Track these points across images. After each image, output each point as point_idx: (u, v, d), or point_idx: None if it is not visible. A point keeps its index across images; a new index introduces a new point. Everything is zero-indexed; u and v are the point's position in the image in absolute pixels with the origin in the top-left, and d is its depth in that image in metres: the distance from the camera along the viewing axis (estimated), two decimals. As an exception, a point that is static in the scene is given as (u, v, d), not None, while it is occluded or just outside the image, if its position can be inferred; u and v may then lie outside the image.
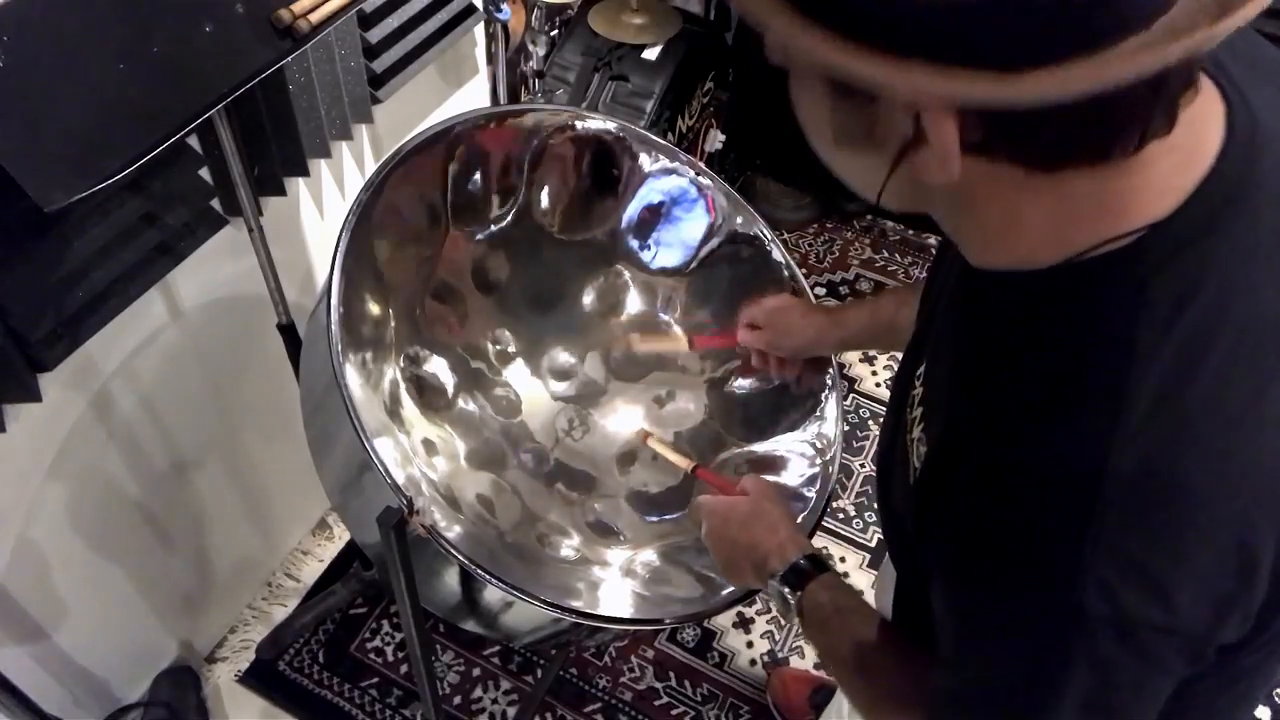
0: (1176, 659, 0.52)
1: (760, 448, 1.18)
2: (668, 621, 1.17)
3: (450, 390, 1.15)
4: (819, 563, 0.84)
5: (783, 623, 0.85)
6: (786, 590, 0.83)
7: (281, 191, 1.33)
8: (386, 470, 0.81)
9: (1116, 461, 0.49)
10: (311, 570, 1.85)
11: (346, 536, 1.88)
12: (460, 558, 0.83)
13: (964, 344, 0.62)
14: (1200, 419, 0.49)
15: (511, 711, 1.67)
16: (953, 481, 0.57)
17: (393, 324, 1.07)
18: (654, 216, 1.25)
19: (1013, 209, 0.52)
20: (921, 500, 0.62)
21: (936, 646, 0.62)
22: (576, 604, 0.90)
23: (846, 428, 2.15)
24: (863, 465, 2.09)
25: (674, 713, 1.68)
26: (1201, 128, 0.51)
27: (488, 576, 0.83)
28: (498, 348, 1.23)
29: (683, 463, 1.14)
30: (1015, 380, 0.54)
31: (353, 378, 0.88)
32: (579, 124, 1.17)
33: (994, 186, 0.51)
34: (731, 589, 0.98)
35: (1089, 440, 0.49)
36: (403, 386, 1.07)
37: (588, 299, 1.28)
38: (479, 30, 1.65)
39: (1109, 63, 0.41)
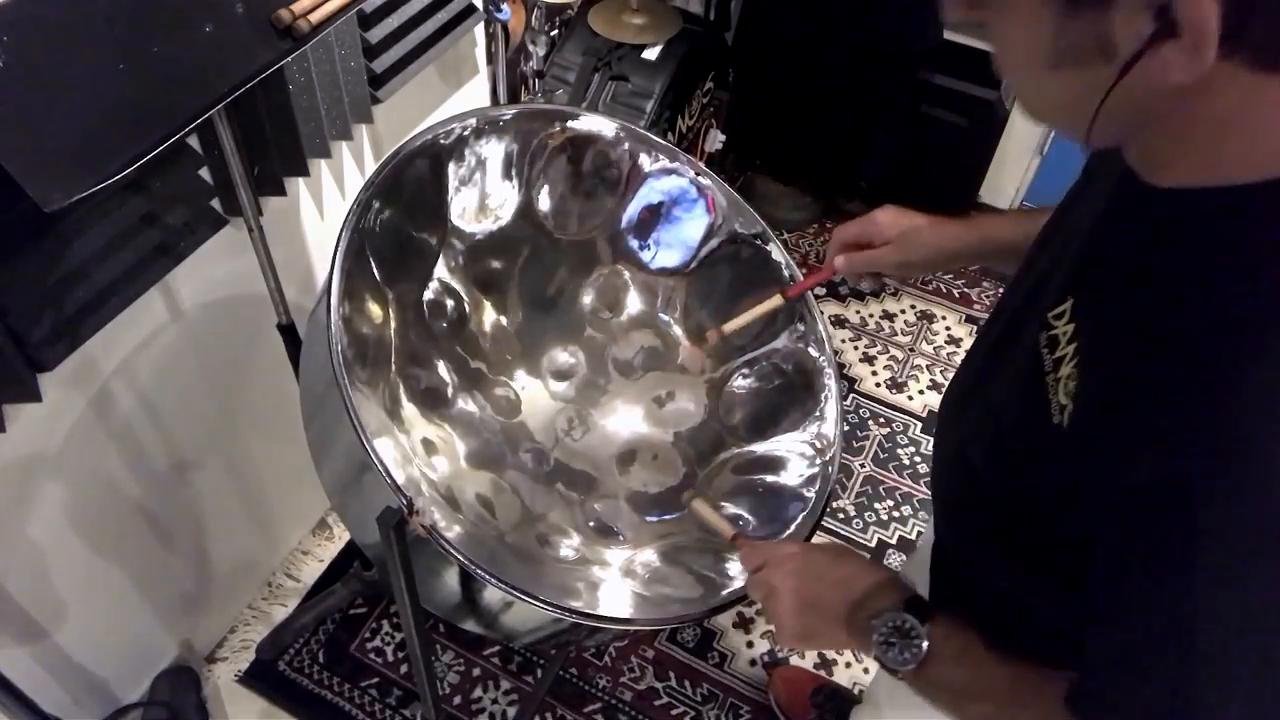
0: None
1: (760, 448, 1.18)
2: (668, 622, 1.17)
3: (450, 390, 1.15)
4: (927, 602, 0.75)
5: (889, 671, 0.74)
6: (911, 619, 0.72)
7: (281, 191, 1.33)
8: (386, 470, 0.81)
9: None
10: (311, 570, 1.85)
11: (346, 536, 1.88)
12: (460, 558, 0.83)
13: (1139, 272, 0.58)
14: None
15: (511, 711, 1.67)
16: (1136, 428, 0.54)
17: (393, 324, 1.07)
18: (654, 216, 1.25)
19: (1227, 117, 0.50)
20: (1081, 443, 0.59)
21: (1083, 599, 0.59)
22: (576, 604, 0.90)
23: (846, 428, 2.16)
24: (863, 465, 2.09)
25: (674, 713, 1.68)
26: None
27: (488, 576, 0.83)
28: (498, 348, 1.23)
29: (726, 530, 1.03)
30: (1215, 302, 0.52)
31: (352, 377, 0.88)
32: (579, 124, 1.17)
33: (1217, 91, 0.49)
34: (731, 589, 0.98)
35: None
36: (402, 386, 1.07)
37: (588, 299, 1.28)
38: (479, 30, 1.65)
39: None
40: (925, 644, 0.71)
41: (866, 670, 1.75)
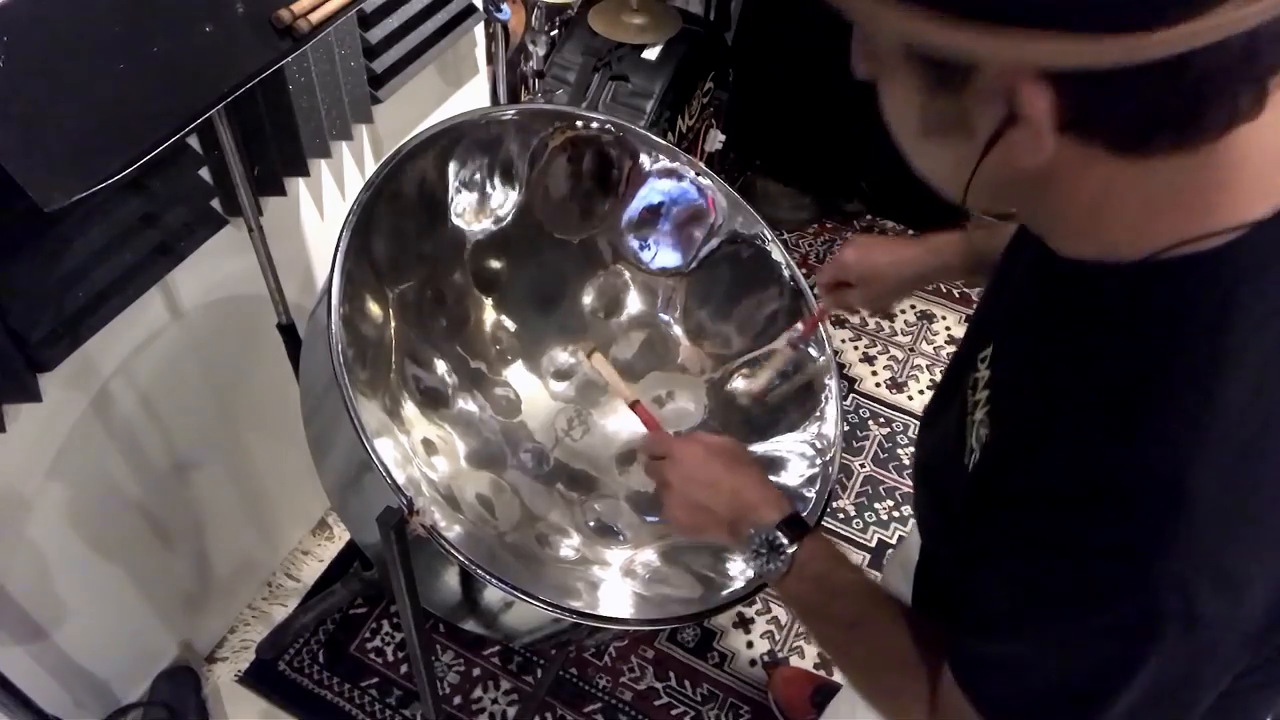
0: (1235, 651, 0.53)
1: (760, 448, 1.18)
2: (668, 622, 1.17)
3: (450, 390, 1.15)
4: (807, 524, 0.82)
5: (750, 574, 0.87)
6: (782, 538, 0.79)
7: (281, 191, 1.33)
8: (386, 470, 0.81)
9: (1201, 468, 0.49)
10: (311, 570, 1.85)
11: (346, 536, 1.88)
12: (460, 558, 0.83)
13: (1042, 333, 0.61)
14: None
15: (511, 711, 1.67)
16: (1022, 475, 0.56)
17: (393, 324, 1.07)
18: (654, 216, 1.25)
19: (1099, 198, 0.52)
20: (981, 486, 0.61)
21: (970, 609, 0.61)
22: (576, 604, 0.90)
23: (846, 428, 2.16)
24: (863, 465, 2.09)
25: (674, 713, 1.68)
26: None
27: (488, 576, 0.83)
28: (498, 348, 1.23)
29: (624, 392, 1.07)
30: (1096, 378, 0.54)
31: (352, 377, 0.88)
32: (579, 124, 1.17)
33: (1082, 174, 0.51)
34: (731, 589, 0.98)
35: (1174, 445, 0.50)
36: (402, 386, 1.07)
37: (588, 299, 1.28)
38: (479, 30, 1.65)
39: (1198, 29, 0.41)
40: (790, 559, 0.78)
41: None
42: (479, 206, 1.16)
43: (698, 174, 1.22)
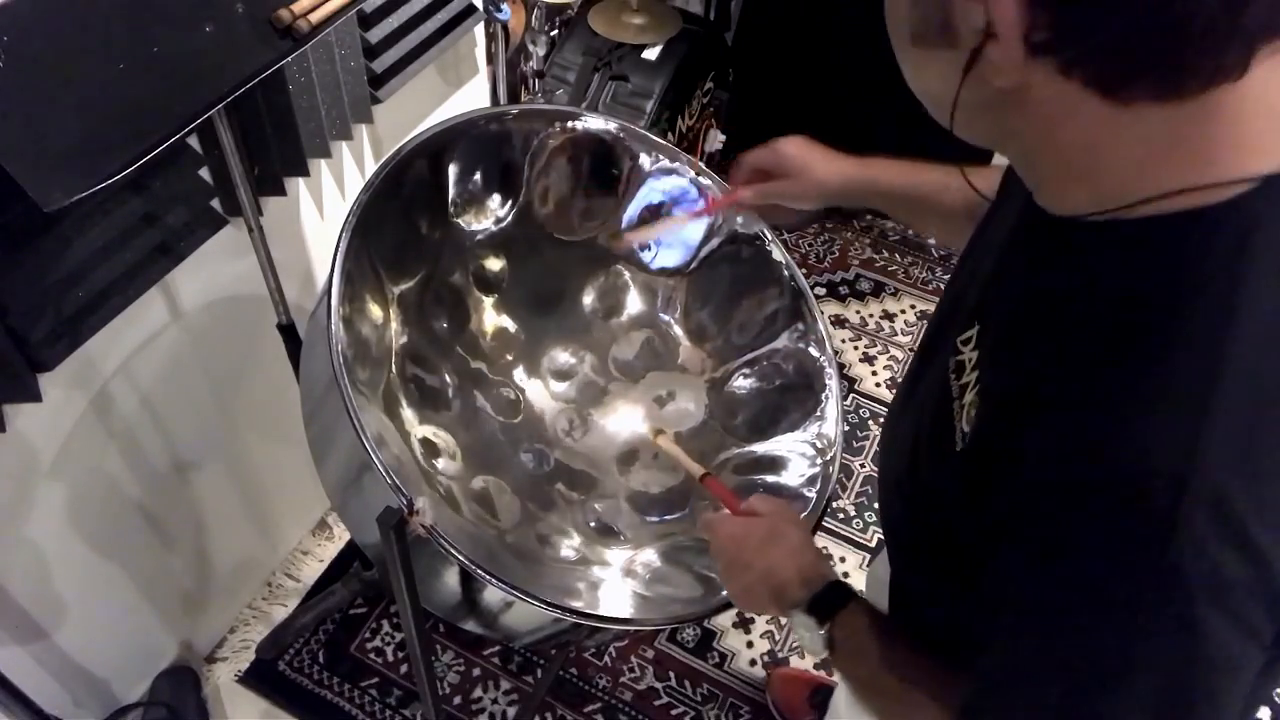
0: (1265, 622, 0.49)
1: (760, 448, 1.18)
2: (668, 622, 1.17)
3: (450, 390, 1.15)
4: (844, 590, 0.78)
5: (806, 653, 0.78)
6: (814, 621, 0.77)
7: (281, 191, 1.33)
8: (386, 470, 0.81)
9: (1216, 424, 0.47)
10: (311, 570, 1.85)
11: (346, 536, 1.88)
12: (460, 558, 0.83)
13: (1034, 298, 0.59)
14: None
15: (511, 711, 1.67)
16: (1023, 446, 0.54)
17: (393, 324, 1.07)
18: (654, 216, 1.25)
19: (1091, 142, 0.51)
20: (975, 467, 0.59)
21: (975, 631, 0.58)
22: (576, 604, 0.90)
23: (846, 428, 2.15)
24: (863, 465, 2.09)
25: (674, 713, 1.68)
26: None
27: (488, 576, 0.83)
28: (498, 348, 1.23)
29: (693, 468, 1.08)
30: (1098, 335, 0.52)
31: (352, 378, 0.88)
32: (579, 124, 1.17)
33: (1067, 113, 0.50)
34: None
35: (1187, 399, 0.48)
36: (402, 387, 1.07)
37: (588, 299, 1.28)
38: (479, 30, 1.65)
39: None
40: (827, 639, 0.76)
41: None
42: (479, 206, 1.16)
43: (698, 174, 1.22)
